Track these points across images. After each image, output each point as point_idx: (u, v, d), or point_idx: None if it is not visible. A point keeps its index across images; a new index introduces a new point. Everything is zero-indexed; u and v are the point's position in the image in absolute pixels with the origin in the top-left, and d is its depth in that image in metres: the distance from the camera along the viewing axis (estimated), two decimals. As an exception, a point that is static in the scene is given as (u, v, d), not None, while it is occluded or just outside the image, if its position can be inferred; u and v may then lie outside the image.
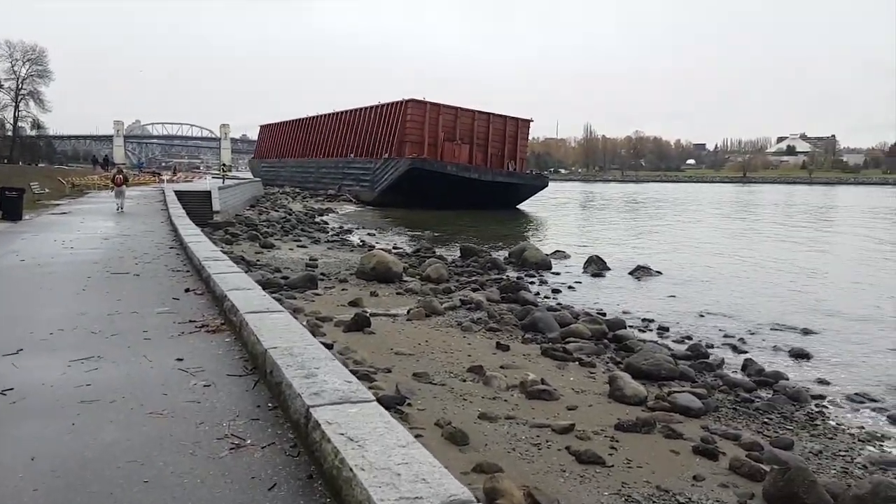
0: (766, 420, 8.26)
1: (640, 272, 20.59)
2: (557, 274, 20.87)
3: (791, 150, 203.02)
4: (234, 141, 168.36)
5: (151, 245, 11.75)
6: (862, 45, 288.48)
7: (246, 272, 17.42)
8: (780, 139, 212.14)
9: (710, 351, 11.62)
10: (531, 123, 61.77)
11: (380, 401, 8.16)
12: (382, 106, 60.47)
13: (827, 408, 8.94)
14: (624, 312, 15.08)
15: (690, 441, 7.23)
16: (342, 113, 70.16)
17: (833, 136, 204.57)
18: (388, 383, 8.86)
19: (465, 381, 9.27)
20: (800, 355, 11.51)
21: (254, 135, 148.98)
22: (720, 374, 10.13)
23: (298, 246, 25.87)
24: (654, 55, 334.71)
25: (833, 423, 8.34)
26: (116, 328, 5.40)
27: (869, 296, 17.96)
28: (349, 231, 34.72)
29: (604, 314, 14.66)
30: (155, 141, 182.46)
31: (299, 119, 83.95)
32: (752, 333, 13.24)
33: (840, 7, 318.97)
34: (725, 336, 12.93)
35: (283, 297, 14.35)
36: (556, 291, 17.70)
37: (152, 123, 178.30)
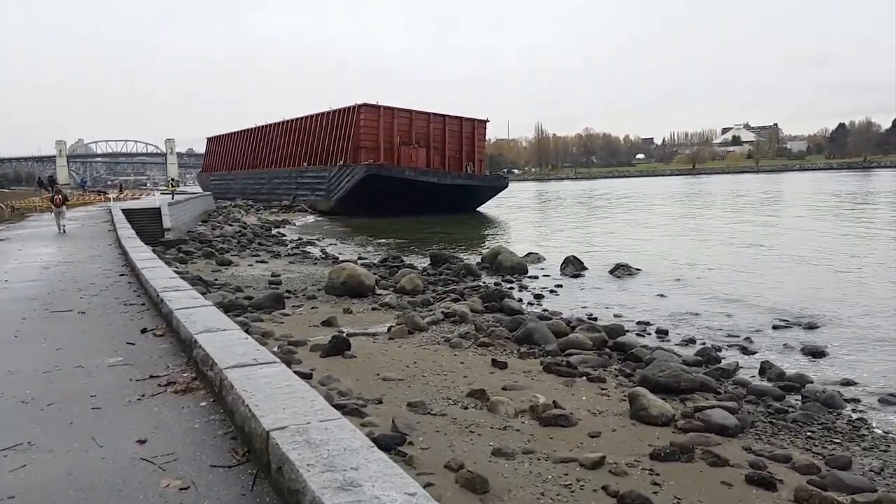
0: (808, 434, 7.46)
1: (619, 271, 19.89)
2: (535, 278, 20.02)
3: (736, 141, 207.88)
4: (180, 155, 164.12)
5: (98, 273, 10.30)
6: (794, 35, 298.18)
7: (204, 293, 16.28)
8: (725, 130, 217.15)
9: (720, 354, 10.85)
10: (487, 124, 61.08)
11: (377, 441, 7.13)
12: (334, 112, 58.98)
13: (865, 413, 8.21)
14: (616, 316, 14.28)
15: (739, 468, 6.35)
16: (293, 121, 68.29)
17: (775, 124, 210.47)
18: (381, 417, 7.79)
19: (466, 408, 8.25)
20: (815, 353, 10.82)
21: (200, 148, 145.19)
22: (740, 381, 9.34)
23: (258, 261, 24.47)
24: (597, 54, 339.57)
25: (879, 431, 7.59)
26: (55, 393, 4.15)
27: (860, 281, 17.59)
28: (309, 243, 33.31)
29: (596, 319, 13.82)
30: (99, 159, 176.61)
31: (248, 129, 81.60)
32: (756, 331, 12.55)
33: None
34: (729, 336, 12.21)
35: (250, 321, 13.15)
36: (538, 297, 16.82)
37: (96, 142, 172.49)
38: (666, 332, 12.55)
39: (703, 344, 11.62)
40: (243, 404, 2.86)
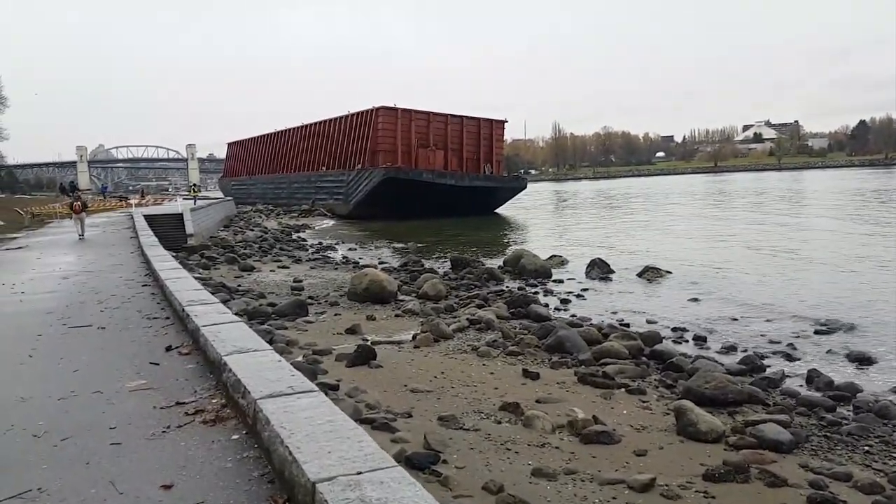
0: (866, 448, 7.00)
1: (648, 274, 19.39)
2: (560, 281, 19.58)
3: (758, 138, 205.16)
4: (201, 161, 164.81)
5: (120, 283, 9.97)
6: (813, 32, 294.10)
7: (228, 301, 16.07)
8: (746, 127, 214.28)
9: (764, 362, 10.38)
10: (505, 124, 60.63)
11: (409, 461, 6.79)
12: (352, 115, 58.87)
13: (924, 426, 7.72)
14: (649, 322, 13.83)
15: (799, 488, 5.93)
16: (311, 125, 68.35)
17: (796, 121, 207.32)
18: (412, 433, 7.45)
19: (500, 422, 7.89)
20: (862, 360, 10.32)
21: (221, 153, 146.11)
22: (789, 391, 8.88)
23: (280, 267, 24.28)
24: (614, 51, 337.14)
25: (942, 446, 7.11)
26: (71, 424, 3.75)
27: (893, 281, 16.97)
28: (330, 247, 33.12)
29: (628, 326, 13.38)
30: (120, 165, 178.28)
31: (268, 134, 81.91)
32: (797, 336, 12.05)
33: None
34: (770, 342, 11.72)
35: (274, 328, 12.92)
36: (565, 302, 16.40)
37: (117, 147, 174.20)
38: (704, 339, 12.08)
39: (745, 351, 11.15)
40: (282, 444, 2.53)
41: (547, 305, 15.48)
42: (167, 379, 4.46)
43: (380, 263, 25.74)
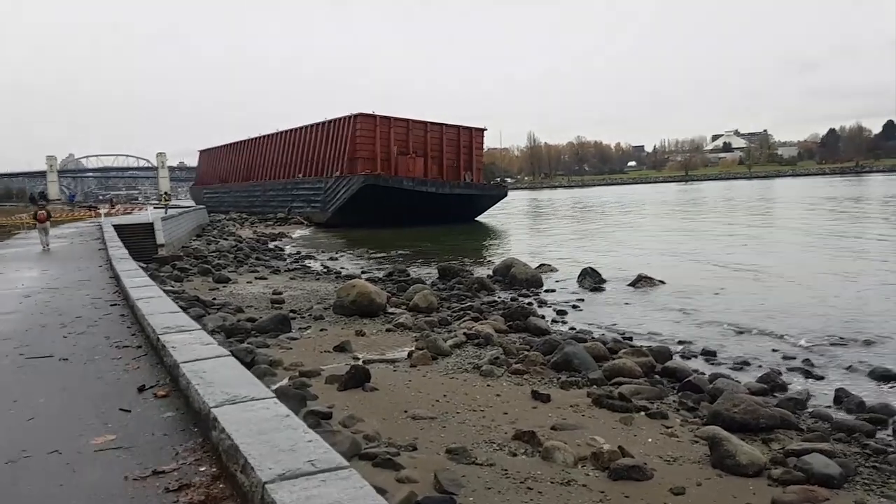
0: (922, 481, 6.36)
1: (642, 283, 18.82)
2: (552, 291, 18.92)
3: (728, 147, 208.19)
4: (171, 169, 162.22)
5: (86, 302, 8.99)
6: (781, 42, 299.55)
7: (203, 315, 15.08)
8: (715, 137, 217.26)
9: (783, 379, 9.76)
10: (485, 132, 60.14)
11: (420, 507, 5.95)
12: (330, 122, 57.93)
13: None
14: (651, 334, 13.20)
15: (865, 534, 5.25)
16: (287, 132, 67.16)
17: (765, 130, 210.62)
18: (419, 469, 6.66)
19: (515, 454, 7.13)
20: (886, 377, 9.74)
21: (191, 161, 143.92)
22: (820, 414, 8.24)
23: (257, 278, 23.29)
24: (585, 63, 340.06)
25: None
26: None
27: None
28: (308, 257, 32.15)
29: (631, 339, 12.73)
30: (90, 174, 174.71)
31: (242, 141, 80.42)
32: (812, 351, 11.47)
33: (756, 5, 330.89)
34: (784, 357, 11.11)
35: (255, 346, 12.01)
36: (561, 313, 15.72)
37: (87, 156, 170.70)
38: (714, 354, 11.44)
39: (760, 367, 10.54)
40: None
41: (543, 317, 14.76)
42: (141, 433, 3.58)
43: (363, 273, 24.87)
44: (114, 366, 4.88)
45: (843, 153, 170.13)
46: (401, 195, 49.38)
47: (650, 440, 7.45)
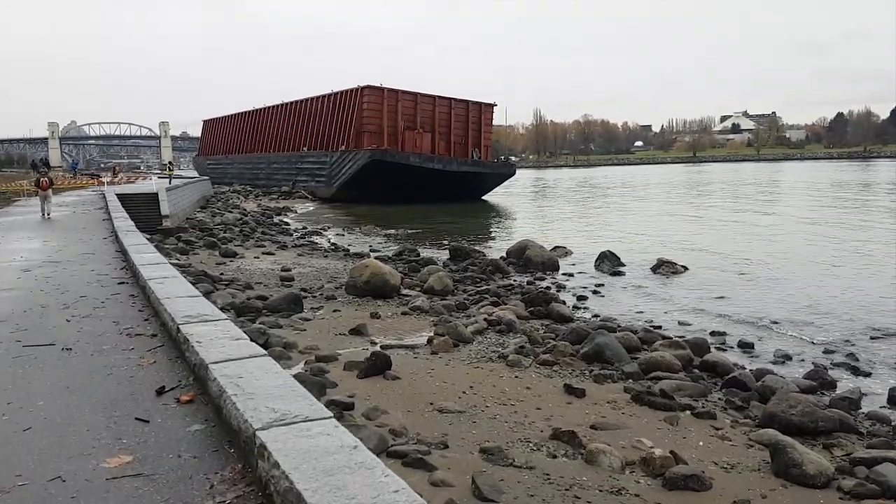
0: None
1: (664, 268, 18.18)
2: (570, 276, 18.31)
3: (736, 129, 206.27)
4: (174, 139, 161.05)
5: (91, 279, 8.20)
6: (792, 23, 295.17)
7: (212, 292, 14.50)
8: (724, 118, 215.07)
9: (829, 376, 9.19)
10: (495, 108, 59.02)
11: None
12: (336, 94, 56.76)
13: None
14: (681, 324, 12.62)
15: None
16: (293, 104, 65.91)
17: (774, 112, 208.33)
18: (454, 471, 6.12)
19: (555, 456, 6.57)
20: (940, 376, 9.18)
21: (195, 132, 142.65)
22: (876, 416, 7.68)
23: (264, 253, 22.70)
24: (594, 40, 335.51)
25: None
26: None
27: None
28: (315, 232, 31.48)
29: (660, 328, 12.15)
30: (92, 142, 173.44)
31: (246, 112, 79.11)
32: (851, 343, 10.91)
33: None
34: (826, 351, 10.54)
35: (267, 327, 11.47)
36: (581, 298, 15.12)
37: (89, 124, 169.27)
38: (751, 346, 10.86)
39: (802, 360, 9.99)
40: None
41: (564, 303, 14.17)
42: (164, 454, 2.93)
43: (372, 251, 24.28)
44: (125, 359, 4.23)
45: (850, 138, 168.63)
46: (407, 171, 48.54)
47: (701, 443, 6.88)
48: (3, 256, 10.38)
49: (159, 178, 39.49)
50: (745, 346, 10.86)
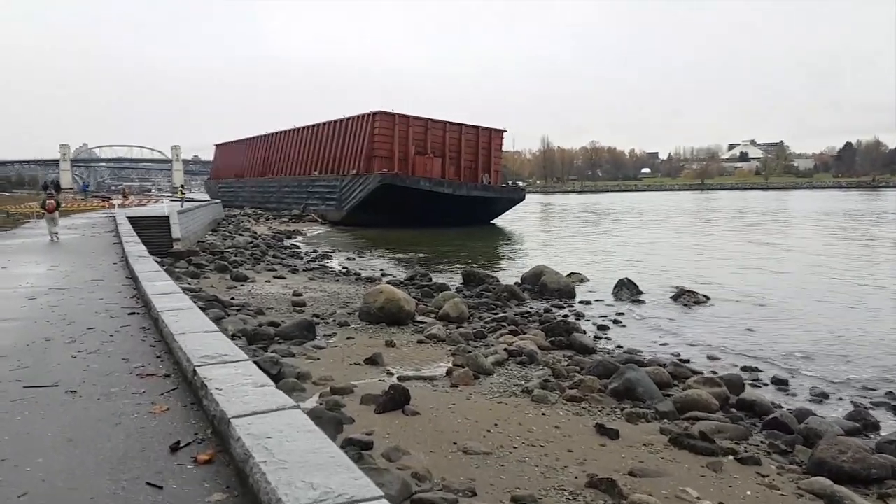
0: None
1: (685, 298, 17.69)
2: (588, 304, 17.83)
3: (744, 157, 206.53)
4: (186, 162, 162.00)
5: (100, 309, 7.71)
6: (799, 53, 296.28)
7: (223, 318, 14.10)
8: (732, 146, 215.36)
9: (871, 416, 8.67)
10: (504, 134, 59.01)
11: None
12: (348, 119, 56.94)
13: None
14: (709, 358, 12.12)
15: None
16: (304, 128, 66.23)
17: (781, 141, 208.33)
18: (485, 524, 5.65)
19: (594, 509, 6.09)
20: None
21: (206, 155, 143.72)
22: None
23: (275, 277, 22.35)
24: (602, 67, 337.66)
25: None
26: None
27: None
28: (326, 256, 31.18)
29: (688, 362, 11.66)
30: (103, 164, 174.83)
31: (258, 136, 79.59)
32: (891, 381, 10.38)
33: (774, 16, 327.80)
34: (865, 388, 10.03)
35: (279, 355, 11.04)
36: (602, 328, 14.64)
37: (100, 146, 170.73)
38: (786, 383, 10.36)
39: (840, 399, 9.49)
40: None
41: (585, 332, 13.70)
42: None
43: (383, 276, 23.92)
44: (136, 405, 3.78)
45: (859, 167, 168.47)
46: (418, 195, 48.42)
47: (749, 493, 6.38)
48: (9, 282, 9.98)
49: (171, 200, 39.34)
50: (780, 383, 10.35)
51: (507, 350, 11.45)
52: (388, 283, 22.06)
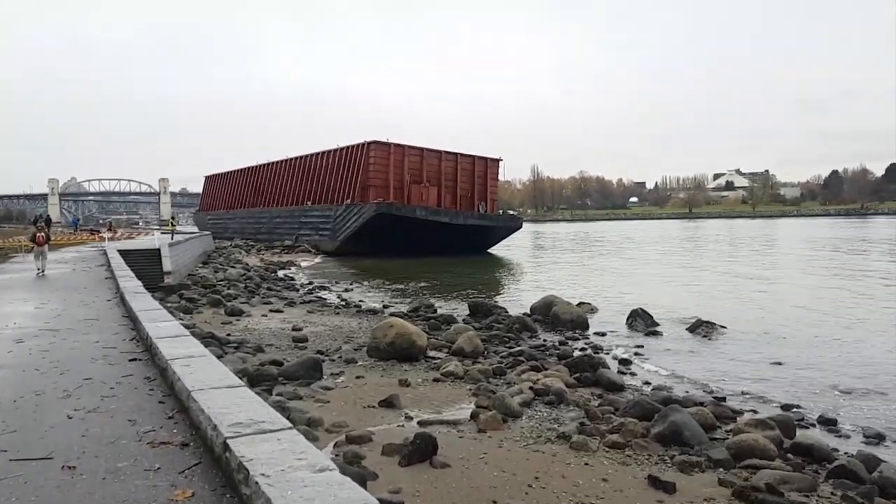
0: None
1: (703, 328, 17.01)
2: (603, 335, 17.11)
3: (730, 186, 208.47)
4: (174, 195, 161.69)
5: (97, 354, 6.80)
6: (783, 82, 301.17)
7: (221, 356, 13.22)
8: (717, 175, 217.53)
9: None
10: (501, 163, 58.76)
11: None
12: (342, 149, 56.53)
13: None
14: (744, 394, 11.39)
15: None
16: (296, 159, 65.77)
17: (767, 170, 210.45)
18: None
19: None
20: None
21: (193, 188, 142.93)
22: None
23: (272, 311, 21.49)
24: (587, 98, 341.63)
25: None
26: None
27: None
28: (322, 287, 30.32)
29: (724, 400, 10.91)
30: (91, 198, 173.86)
31: (249, 167, 79.07)
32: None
33: (758, 46, 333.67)
34: (920, 430, 9.31)
35: (286, 398, 10.26)
36: (624, 362, 13.89)
37: (88, 180, 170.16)
38: (834, 423, 9.62)
39: (897, 441, 8.73)
40: None
41: (609, 368, 12.93)
42: None
43: (385, 307, 23.10)
44: (151, 488, 2.89)
45: (846, 195, 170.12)
46: (414, 224, 47.86)
47: (839, 560, 5.61)
48: None
49: (162, 233, 38.42)
50: (827, 423, 9.61)
51: (533, 389, 10.67)
52: (390, 314, 21.32)
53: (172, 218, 52.43)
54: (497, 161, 58.25)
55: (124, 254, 24.14)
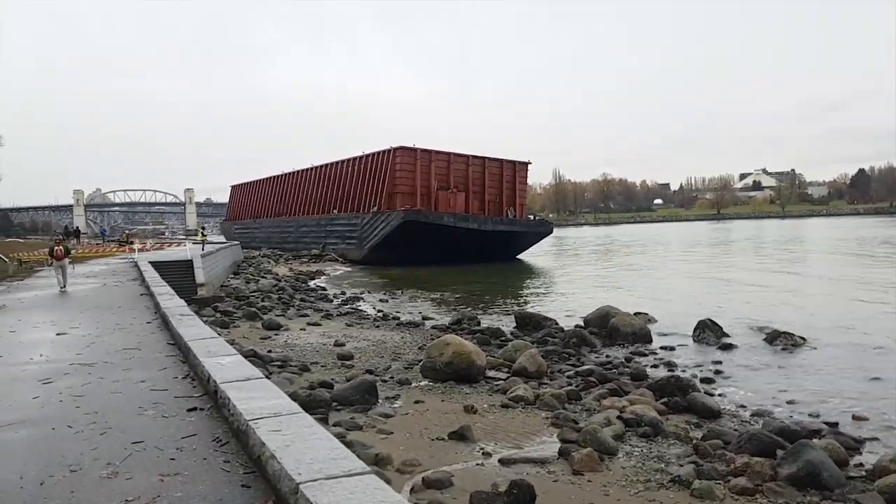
0: None
1: (781, 340, 15.62)
2: (671, 349, 15.80)
3: (757, 185, 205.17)
4: (199, 205, 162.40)
5: (144, 401, 5.46)
6: (805, 81, 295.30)
7: (268, 376, 12.18)
8: (743, 175, 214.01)
9: None
10: (529, 166, 57.41)
11: None
12: (368, 156, 55.60)
13: None
14: (855, 419, 10.05)
15: None
16: (322, 167, 65.02)
17: (793, 169, 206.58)
18: None
19: None
20: None
21: (219, 198, 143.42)
22: None
23: (309, 324, 20.46)
24: (610, 100, 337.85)
25: None
26: None
27: None
28: (356, 298, 29.30)
29: (836, 425, 9.60)
30: (116, 209, 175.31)
31: (275, 176, 78.59)
32: None
33: (781, 46, 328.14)
34: None
35: (344, 428, 9.12)
36: (706, 381, 12.58)
37: (113, 191, 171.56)
38: None
39: None
40: None
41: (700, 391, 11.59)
42: None
43: (425, 319, 21.98)
44: None
45: (874, 193, 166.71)
46: (442, 231, 46.71)
47: None
48: (17, 354, 7.73)
49: (193, 243, 37.68)
50: (980, 456, 8.24)
51: (622, 418, 9.43)
52: (433, 327, 20.19)
53: (203, 228, 51.86)
54: (525, 164, 56.92)
55: (156, 266, 23.29)
